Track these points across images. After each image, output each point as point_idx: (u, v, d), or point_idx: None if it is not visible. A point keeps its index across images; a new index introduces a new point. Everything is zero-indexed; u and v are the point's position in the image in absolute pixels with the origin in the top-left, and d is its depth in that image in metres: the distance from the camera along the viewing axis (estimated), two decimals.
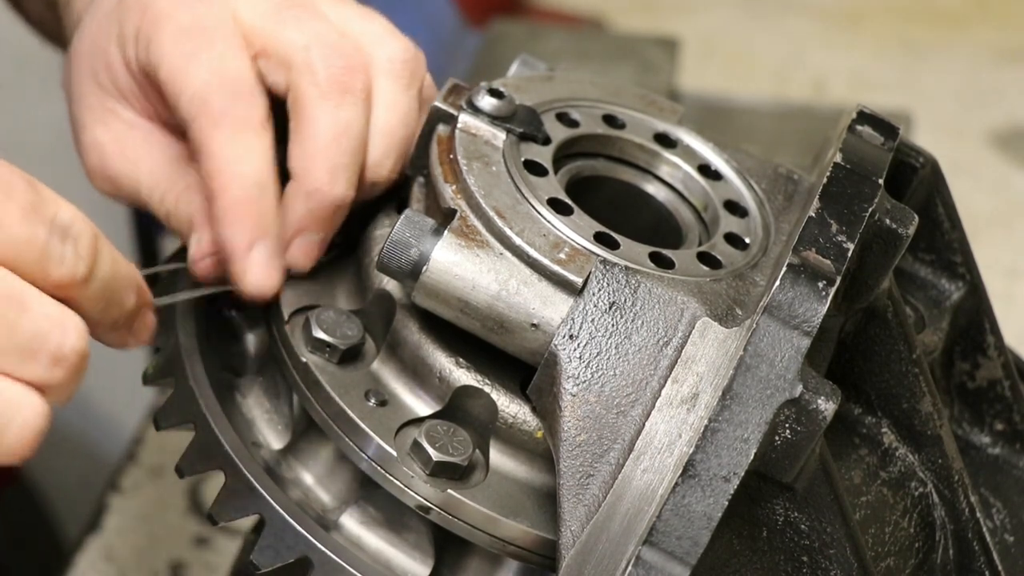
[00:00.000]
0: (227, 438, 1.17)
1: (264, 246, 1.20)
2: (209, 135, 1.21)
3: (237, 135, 1.20)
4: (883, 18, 3.80)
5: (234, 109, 1.21)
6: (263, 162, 1.20)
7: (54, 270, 1.04)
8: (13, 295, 1.02)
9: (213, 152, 1.20)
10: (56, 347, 1.03)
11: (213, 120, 1.20)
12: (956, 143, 3.31)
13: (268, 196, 1.20)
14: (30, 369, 1.02)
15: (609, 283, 1.10)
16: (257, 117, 1.21)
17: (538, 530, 1.12)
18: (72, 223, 1.04)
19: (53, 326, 1.03)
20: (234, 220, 1.20)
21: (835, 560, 1.09)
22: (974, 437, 1.30)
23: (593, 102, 1.30)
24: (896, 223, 1.13)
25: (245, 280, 1.20)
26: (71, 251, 1.04)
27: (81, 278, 1.05)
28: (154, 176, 1.29)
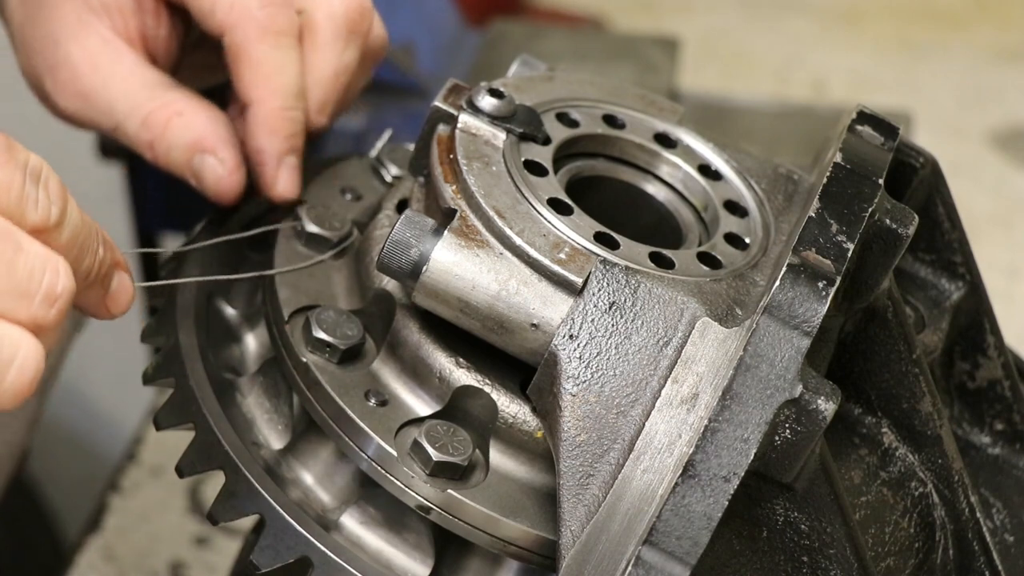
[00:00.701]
0: (227, 438, 1.17)
1: (293, 158, 1.28)
2: (253, 44, 1.26)
3: (280, 45, 1.27)
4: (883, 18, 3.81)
5: (276, 19, 1.27)
6: (300, 75, 1.28)
7: (30, 213, 1.03)
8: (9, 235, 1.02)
9: (257, 60, 1.26)
10: (49, 287, 1.02)
11: (259, 28, 1.26)
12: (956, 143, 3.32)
13: (302, 108, 1.28)
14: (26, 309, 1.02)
15: (609, 283, 1.10)
16: (295, 29, 1.28)
17: (538, 530, 1.12)
18: (41, 168, 1.04)
19: (46, 266, 1.03)
20: (273, 129, 1.26)
21: (835, 560, 1.09)
22: (974, 437, 1.30)
23: (593, 102, 1.30)
24: (896, 223, 1.13)
25: (277, 187, 1.28)
26: (44, 195, 1.04)
27: (55, 222, 1.04)
28: (130, 99, 1.31)
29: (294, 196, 1.29)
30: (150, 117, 1.30)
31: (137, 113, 1.30)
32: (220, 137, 1.29)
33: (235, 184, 1.30)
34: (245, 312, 1.29)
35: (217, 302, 1.28)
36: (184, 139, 1.29)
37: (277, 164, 1.28)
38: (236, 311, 1.29)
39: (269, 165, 1.28)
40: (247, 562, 1.13)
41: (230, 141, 1.30)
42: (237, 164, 1.29)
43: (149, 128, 1.30)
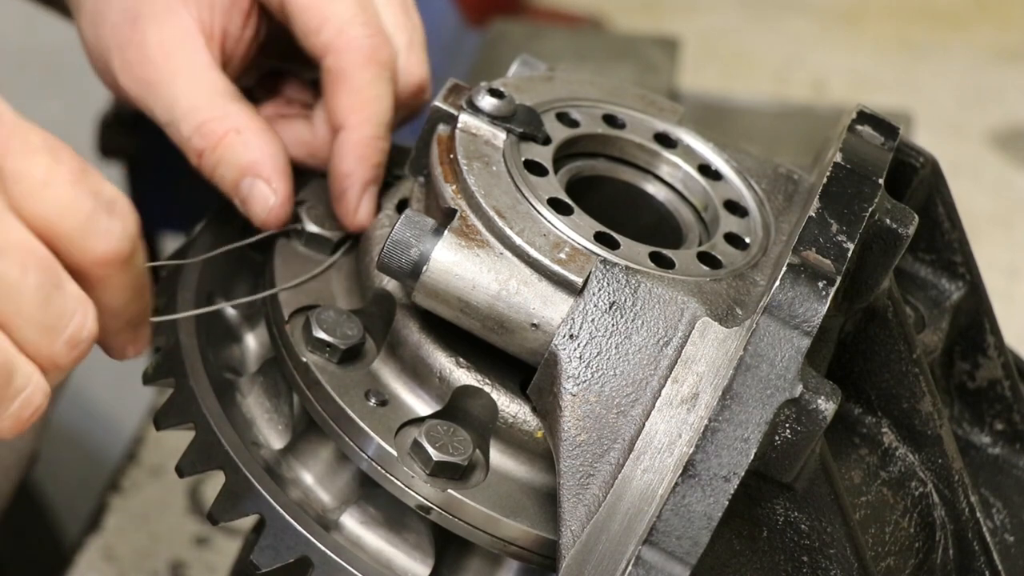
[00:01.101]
0: (227, 438, 1.17)
1: (374, 188, 1.28)
2: (357, 70, 1.27)
3: (381, 77, 1.28)
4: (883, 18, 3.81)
5: (380, 51, 1.28)
6: (392, 109, 1.29)
7: (97, 243, 1.01)
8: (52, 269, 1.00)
9: (359, 87, 1.27)
10: (76, 330, 1.01)
11: (364, 56, 1.27)
12: (956, 143, 3.31)
13: (390, 141, 1.29)
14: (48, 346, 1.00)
15: (609, 283, 1.10)
16: (393, 64, 1.30)
17: (538, 530, 1.12)
18: (117, 199, 1.02)
19: (77, 308, 1.01)
20: (364, 156, 1.27)
21: (835, 560, 1.09)
22: (974, 437, 1.30)
23: (593, 102, 1.30)
24: (896, 223, 1.13)
25: (359, 214, 1.28)
26: (118, 227, 1.02)
27: (123, 257, 1.02)
28: (192, 100, 1.28)
29: (368, 224, 1.28)
30: (206, 126, 1.27)
31: (194, 117, 1.28)
32: (276, 166, 1.27)
33: (283, 216, 1.28)
34: (245, 312, 1.29)
35: (217, 302, 1.28)
36: (238, 159, 1.27)
37: (362, 191, 1.27)
38: (236, 311, 1.29)
39: (353, 190, 1.27)
40: (247, 562, 1.13)
41: (285, 172, 1.28)
42: (288, 196, 1.28)
43: (204, 137, 1.27)
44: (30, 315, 0.99)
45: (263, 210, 1.27)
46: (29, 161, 1.00)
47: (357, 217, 1.28)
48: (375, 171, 1.28)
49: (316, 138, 1.33)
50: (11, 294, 0.99)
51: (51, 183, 1.00)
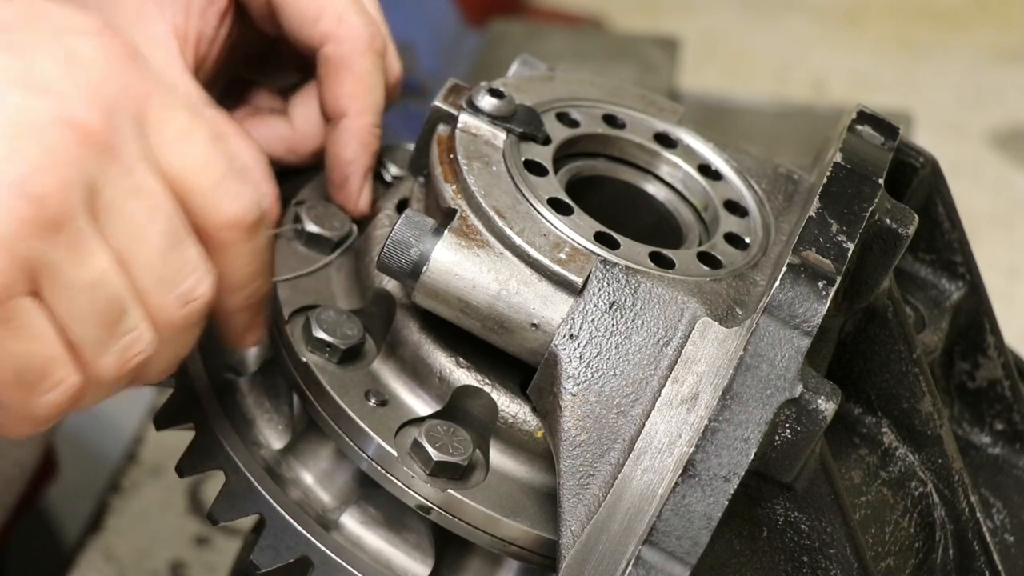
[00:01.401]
0: (227, 438, 1.17)
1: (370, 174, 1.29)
2: (358, 57, 1.28)
3: (378, 65, 1.29)
4: (883, 18, 3.81)
5: (377, 40, 1.29)
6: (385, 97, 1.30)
7: (225, 204, 1.02)
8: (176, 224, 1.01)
9: (360, 74, 1.28)
10: (190, 288, 1.01)
11: (365, 44, 1.28)
12: (956, 143, 3.32)
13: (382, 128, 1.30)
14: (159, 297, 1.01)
15: (609, 283, 1.10)
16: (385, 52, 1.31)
17: (538, 530, 1.12)
18: (253, 167, 1.03)
19: (198, 268, 1.02)
20: (365, 143, 1.28)
21: (835, 560, 1.09)
22: (974, 437, 1.30)
23: (593, 102, 1.30)
24: (896, 223, 1.13)
25: (360, 201, 1.28)
26: (249, 192, 1.03)
27: (248, 223, 1.03)
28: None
29: (367, 212, 1.29)
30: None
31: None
32: (260, 170, 1.27)
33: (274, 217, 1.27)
34: None
35: None
36: None
37: (364, 178, 1.28)
38: None
39: (357, 177, 1.28)
40: (247, 562, 1.14)
41: (269, 173, 1.28)
42: (277, 196, 1.28)
43: None
44: (149, 261, 1.00)
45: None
46: (170, 113, 1.01)
47: (360, 203, 1.29)
48: (374, 158, 1.29)
49: (296, 133, 1.33)
50: (136, 235, 0.99)
51: (189, 138, 1.01)
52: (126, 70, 1.01)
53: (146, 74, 1.02)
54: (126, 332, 1.00)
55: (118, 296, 0.99)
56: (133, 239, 0.99)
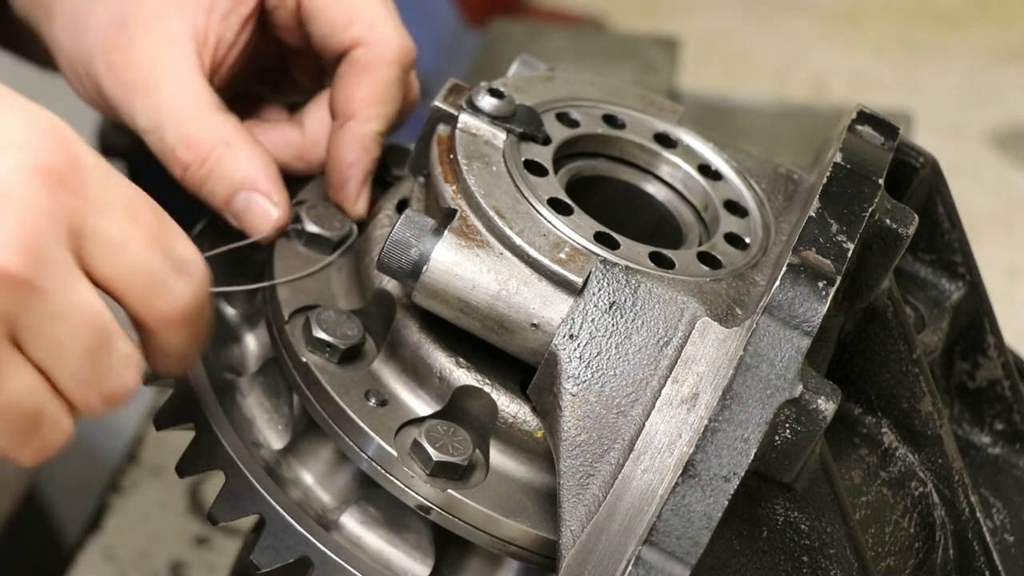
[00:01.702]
0: (227, 438, 1.17)
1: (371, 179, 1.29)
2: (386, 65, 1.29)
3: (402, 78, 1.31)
4: (883, 18, 3.81)
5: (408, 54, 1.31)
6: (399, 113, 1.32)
7: (162, 304, 1.04)
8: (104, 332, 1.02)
9: (384, 81, 1.29)
10: (115, 388, 1.04)
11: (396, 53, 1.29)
12: (956, 143, 3.32)
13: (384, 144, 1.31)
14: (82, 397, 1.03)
15: (609, 283, 1.10)
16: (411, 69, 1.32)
17: (538, 530, 1.12)
18: (190, 259, 1.04)
19: (126, 368, 1.04)
20: (368, 148, 1.28)
21: (835, 560, 1.09)
22: (974, 437, 1.30)
23: (593, 102, 1.30)
24: (896, 223, 1.13)
25: (358, 206, 1.29)
26: (186, 289, 1.05)
27: (186, 318, 1.06)
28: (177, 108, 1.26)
29: (365, 216, 1.29)
30: (193, 137, 1.25)
31: (180, 127, 1.26)
32: (272, 177, 1.27)
33: (283, 226, 1.27)
34: (245, 312, 1.29)
35: (217, 302, 1.28)
36: (231, 174, 1.26)
37: (363, 181, 1.28)
38: (236, 311, 1.29)
39: (355, 180, 1.28)
40: (247, 562, 1.14)
41: (280, 182, 1.28)
42: (289, 205, 1.28)
43: (191, 149, 1.26)
44: (73, 371, 1.02)
45: (266, 224, 1.27)
46: (107, 219, 1.02)
47: (357, 206, 1.29)
48: (375, 165, 1.29)
49: (306, 140, 1.33)
50: (59, 352, 1.01)
51: (125, 245, 1.02)
52: (58, 188, 1.00)
53: (81, 182, 1.02)
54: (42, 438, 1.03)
55: (39, 405, 1.02)
56: (56, 354, 1.01)
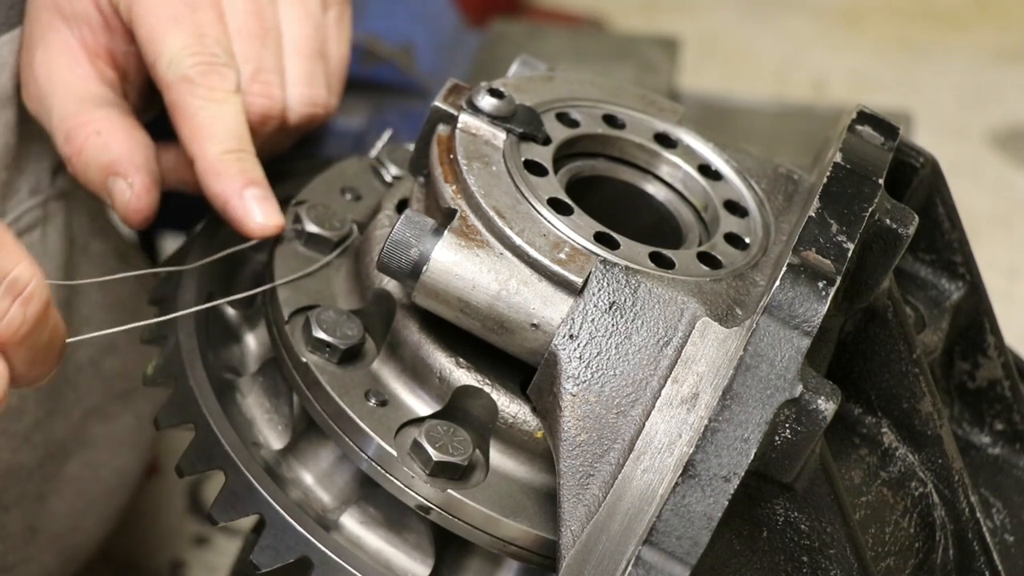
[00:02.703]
0: (227, 438, 1.17)
1: (255, 189, 1.27)
2: (186, 99, 1.28)
3: (213, 98, 1.28)
4: (883, 18, 3.81)
5: (209, 75, 1.29)
6: (240, 122, 1.29)
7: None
8: None
9: (191, 114, 1.29)
10: None
11: (190, 85, 1.28)
12: (956, 143, 3.32)
13: (246, 149, 1.29)
14: None
15: (609, 283, 1.10)
16: (229, 83, 1.30)
17: (538, 530, 1.12)
18: (27, 283, 1.06)
19: None
20: (218, 172, 1.27)
21: (835, 560, 1.09)
22: (974, 437, 1.30)
23: (593, 102, 1.30)
24: (896, 223, 1.13)
25: (250, 221, 1.27)
26: (18, 312, 1.06)
27: (17, 339, 1.07)
28: (62, 110, 1.32)
29: (275, 225, 1.27)
30: (72, 131, 1.31)
31: (63, 126, 1.32)
32: (133, 162, 1.30)
33: (143, 208, 1.30)
34: (245, 312, 1.29)
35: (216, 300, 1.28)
36: (99, 160, 1.30)
37: (239, 200, 1.27)
38: (236, 311, 1.29)
39: (232, 203, 1.27)
40: (247, 562, 1.14)
41: (144, 166, 1.30)
42: (146, 189, 1.30)
43: (69, 143, 1.31)
44: None
45: (121, 206, 1.30)
46: None
47: (252, 224, 1.27)
48: (241, 177, 1.28)
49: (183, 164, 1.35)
50: None
51: None
52: None
53: None
54: None
55: None
56: None
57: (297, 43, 1.36)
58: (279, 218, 1.27)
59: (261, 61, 1.33)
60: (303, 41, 1.36)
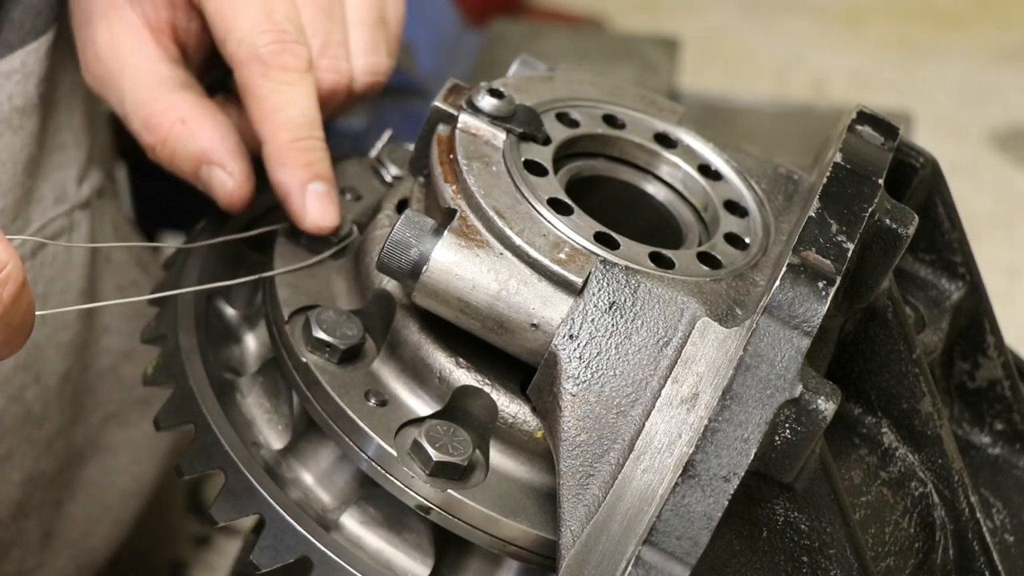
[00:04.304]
0: (227, 438, 1.17)
1: (319, 184, 1.27)
2: (258, 80, 1.27)
3: (285, 80, 1.27)
4: (883, 18, 3.81)
5: (281, 56, 1.27)
6: (311, 106, 1.28)
7: None
8: None
9: (262, 97, 1.27)
10: None
11: (263, 66, 1.27)
12: (956, 143, 3.32)
13: (317, 136, 1.28)
14: None
15: (609, 283, 1.10)
16: (302, 63, 1.28)
17: (538, 530, 1.12)
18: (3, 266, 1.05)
19: None
20: (286, 162, 1.26)
21: (835, 560, 1.09)
22: (974, 437, 1.30)
23: (593, 102, 1.30)
24: (896, 223, 1.13)
25: (307, 218, 1.27)
26: None
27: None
28: (137, 93, 1.31)
29: (330, 224, 1.27)
30: (152, 119, 1.30)
31: (140, 111, 1.30)
32: (227, 149, 1.29)
33: (246, 195, 1.30)
34: (245, 312, 1.29)
35: (217, 302, 1.28)
36: (189, 149, 1.29)
37: (301, 194, 1.27)
38: (236, 311, 1.29)
39: (293, 196, 1.27)
40: (247, 562, 1.14)
41: (237, 152, 1.30)
42: (247, 176, 1.29)
43: (151, 131, 1.30)
44: None
45: (224, 195, 1.29)
46: None
47: (308, 218, 1.27)
48: (308, 170, 1.27)
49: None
50: None
51: None
52: None
53: None
54: None
55: None
56: None
57: (359, 12, 1.34)
58: (335, 218, 1.27)
59: (329, 35, 1.31)
60: (365, 9, 1.34)
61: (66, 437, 1.53)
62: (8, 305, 1.06)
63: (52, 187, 1.47)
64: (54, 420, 1.51)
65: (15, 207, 1.43)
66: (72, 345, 1.51)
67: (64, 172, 1.48)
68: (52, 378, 1.49)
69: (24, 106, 1.41)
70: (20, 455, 1.49)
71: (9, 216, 1.42)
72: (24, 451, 1.48)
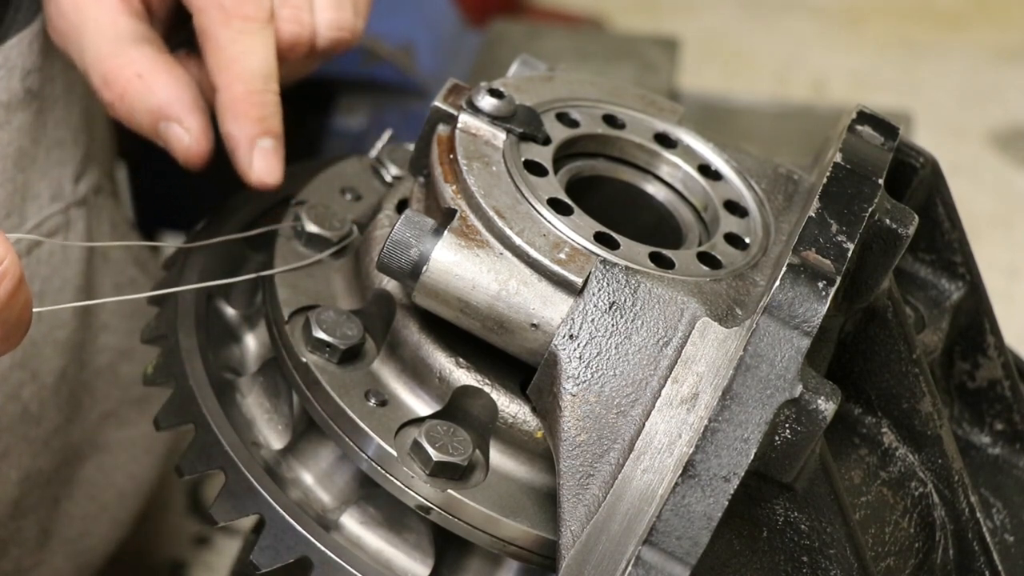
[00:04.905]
0: (227, 438, 1.17)
1: (268, 140, 1.26)
2: (218, 28, 1.26)
3: (246, 30, 1.26)
4: (883, 18, 3.81)
5: (243, 5, 1.26)
6: (269, 58, 1.27)
7: None
8: None
9: (221, 45, 1.26)
10: None
11: (224, 12, 1.26)
12: (956, 143, 3.32)
13: (273, 91, 1.27)
14: None
15: (609, 283, 1.10)
16: (264, 13, 1.27)
17: (538, 530, 1.12)
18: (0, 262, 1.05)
19: None
20: (239, 113, 1.26)
21: (835, 560, 1.09)
22: (974, 437, 1.30)
23: (593, 102, 1.30)
24: (896, 223, 1.13)
25: (252, 172, 1.26)
26: None
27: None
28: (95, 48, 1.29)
29: (274, 181, 1.27)
30: (109, 74, 1.29)
31: (98, 67, 1.29)
32: (184, 104, 1.28)
33: (204, 151, 1.28)
34: (245, 312, 1.29)
35: (217, 302, 1.28)
36: (146, 104, 1.28)
37: (249, 148, 1.26)
38: (236, 311, 1.29)
39: (241, 149, 1.26)
40: (247, 562, 1.14)
41: (195, 107, 1.28)
42: (204, 131, 1.28)
43: (109, 86, 1.29)
44: None
45: (181, 151, 1.28)
46: None
47: (253, 173, 1.27)
48: (259, 125, 1.27)
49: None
50: None
51: None
52: None
53: None
54: None
55: None
56: None
57: None
58: (278, 175, 1.27)
59: None
60: None
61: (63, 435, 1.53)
62: (5, 301, 1.06)
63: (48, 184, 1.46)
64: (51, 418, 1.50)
65: (8, 203, 1.42)
66: (69, 343, 1.51)
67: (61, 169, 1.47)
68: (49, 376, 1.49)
69: (9, 101, 1.40)
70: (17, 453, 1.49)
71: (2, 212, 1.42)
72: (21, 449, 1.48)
